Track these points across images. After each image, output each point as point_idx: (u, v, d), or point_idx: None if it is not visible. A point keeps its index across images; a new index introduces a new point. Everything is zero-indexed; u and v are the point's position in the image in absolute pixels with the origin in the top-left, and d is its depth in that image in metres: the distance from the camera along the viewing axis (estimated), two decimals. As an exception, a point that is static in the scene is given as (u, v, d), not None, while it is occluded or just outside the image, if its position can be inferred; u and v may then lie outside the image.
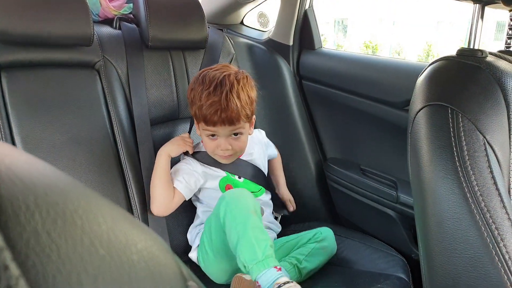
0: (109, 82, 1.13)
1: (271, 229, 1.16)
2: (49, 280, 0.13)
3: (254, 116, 1.07)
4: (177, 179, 1.06)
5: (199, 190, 1.12)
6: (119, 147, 1.10)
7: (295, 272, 1.00)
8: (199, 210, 1.14)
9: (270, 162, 1.27)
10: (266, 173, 1.20)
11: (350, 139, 1.30)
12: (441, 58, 0.61)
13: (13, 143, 0.97)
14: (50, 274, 0.13)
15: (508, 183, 0.52)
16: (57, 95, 1.05)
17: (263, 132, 1.27)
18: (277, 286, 0.81)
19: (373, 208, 1.22)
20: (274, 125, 1.43)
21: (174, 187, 1.06)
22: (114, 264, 0.16)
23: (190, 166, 1.09)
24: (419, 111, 0.57)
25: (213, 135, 1.04)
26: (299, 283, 0.86)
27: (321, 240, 1.06)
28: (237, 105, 0.98)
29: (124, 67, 1.17)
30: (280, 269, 0.86)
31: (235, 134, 1.04)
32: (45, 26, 1.02)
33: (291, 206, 1.24)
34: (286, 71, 1.43)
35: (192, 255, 1.09)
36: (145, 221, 1.09)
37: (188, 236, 1.15)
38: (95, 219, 0.17)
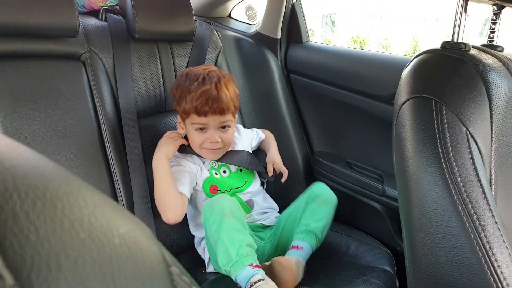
0: (95, 74, 1.12)
1: (272, 210, 1.17)
2: (27, 261, 0.13)
3: (236, 115, 1.10)
4: (179, 182, 1.03)
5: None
6: (105, 140, 1.09)
7: (310, 237, 1.02)
8: (198, 220, 1.10)
9: (262, 142, 1.27)
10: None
11: (337, 132, 1.31)
12: (425, 51, 0.62)
13: None
14: (29, 255, 0.13)
15: (490, 174, 0.53)
16: (41, 87, 1.03)
17: (240, 127, 1.25)
18: (249, 286, 0.83)
19: (360, 202, 1.23)
20: (262, 119, 1.43)
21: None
22: (95, 247, 0.16)
23: (183, 167, 1.08)
24: (404, 103, 0.57)
25: (202, 129, 1.04)
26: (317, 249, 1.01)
27: (317, 196, 1.07)
28: (227, 95, 1.00)
29: (111, 59, 1.16)
30: (256, 266, 0.87)
31: (223, 127, 1.04)
32: (30, 16, 1.00)
33: (271, 171, 1.15)
34: (274, 64, 1.43)
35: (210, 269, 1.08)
36: (131, 211, 1.08)
37: (198, 250, 1.14)
38: (76, 202, 0.16)
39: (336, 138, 1.32)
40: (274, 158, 1.20)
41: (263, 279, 0.84)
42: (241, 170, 1.15)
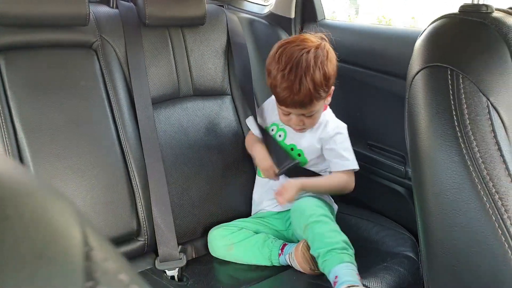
0: (107, 62, 1.12)
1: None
2: None
3: (332, 88, 1.02)
4: None
5: None
6: (119, 128, 1.09)
7: (332, 258, 0.91)
8: None
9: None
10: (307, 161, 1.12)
11: (357, 113, 1.25)
12: (442, 16, 0.56)
13: (13, 125, 0.97)
14: None
15: (515, 149, 0.47)
16: (55, 76, 1.04)
17: (338, 126, 1.10)
18: None
19: (381, 185, 1.18)
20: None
21: None
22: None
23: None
24: (417, 74, 0.52)
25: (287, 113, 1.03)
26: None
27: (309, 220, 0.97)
28: (310, 89, 0.95)
29: (122, 46, 1.15)
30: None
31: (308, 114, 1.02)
32: (40, 6, 1.01)
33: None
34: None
35: None
36: (147, 199, 1.08)
37: None
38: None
39: (355, 119, 1.26)
40: (289, 185, 1.04)
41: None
42: (292, 149, 1.11)
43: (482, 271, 0.44)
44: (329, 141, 1.08)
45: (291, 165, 1.08)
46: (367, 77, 1.17)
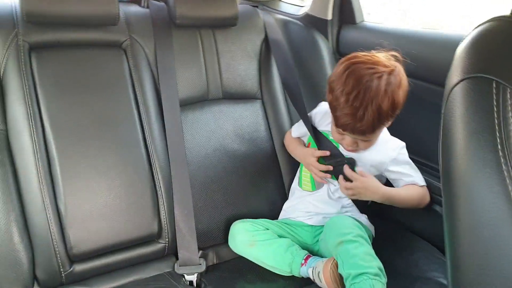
0: (136, 61, 1.11)
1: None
2: None
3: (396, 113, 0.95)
4: None
5: None
6: (145, 129, 1.08)
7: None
8: None
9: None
10: None
11: (393, 124, 1.16)
12: (489, 19, 0.48)
13: (42, 122, 0.98)
14: None
15: None
16: (84, 75, 1.04)
17: (399, 147, 1.04)
18: None
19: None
20: (311, 106, 1.32)
21: None
22: None
23: None
24: (455, 85, 0.45)
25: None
26: None
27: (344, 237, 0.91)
28: (374, 119, 0.89)
29: (152, 46, 1.14)
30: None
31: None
32: (71, 5, 1.02)
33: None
34: (325, 48, 1.32)
35: None
36: (170, 201, 1.07)
37: None
38: None
39: (391, 129, 1.17)
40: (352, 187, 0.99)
41: None
42: None
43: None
44: (392, 163, 1.02)
45: (346, 162, 1.02)
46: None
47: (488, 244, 0.39)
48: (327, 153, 1.04)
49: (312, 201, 1.08)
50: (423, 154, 1.10)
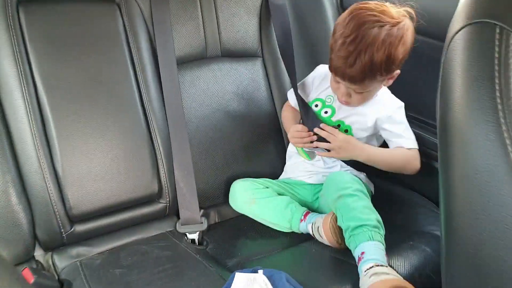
0: (131, 18, 1.08)
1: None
2: None
3: (396, 72, 0.94)
4: None
5: None
6: (141, 88, 1.06)
7: (359, 235, 0.86)
8: None
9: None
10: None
11: (396, 81, 1.14)
12: (495, -38, 0.46)
13: (33, 81, 0.96)
14: None
15: None
16: (75, 31, 1.01)
17: (396, 105, 1.03)
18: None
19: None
20: (313, 66, 1.30)
21: None
22: None
23: None
24: (457, 32, 0.43)
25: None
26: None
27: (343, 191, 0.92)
28: (364, 67, 0.88)
29: (147, 1, 1.11)
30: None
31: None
32: None
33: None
34: (328, 3, 1.27)
35: None
36: (169, 161, 1.07)
37: None
38: None
39: (396, 88, 1.15)
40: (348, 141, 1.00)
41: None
42: (338, 126, 1.05)
43: (508, 267, 0.38)
44: (387, 121, 1.01)
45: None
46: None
47: (482, 190, 0.39)
48: (303, 134, 1.03)
49: (310, 163, 1.09)
50: (424, 112, 1.09)
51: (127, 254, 0.95)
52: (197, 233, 1.06)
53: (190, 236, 1.06)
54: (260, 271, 0.77)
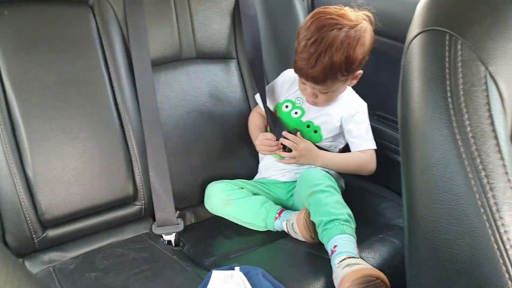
0: (104, 20, 1.08)
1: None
2: None
3: (359, 72, 1.00)
4: None
5: None
6: (115, 90, 1.06)
7: (332, 229, 0.90)
8: None
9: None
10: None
11: (365, 82, 1.19)
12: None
13: (2, 84, 0.94)
14: None
15: (512, 124, 0.44)
16: (47, 33, 1.00)
17: (359, 106, 1.08)
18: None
19: (386, 156, 1.14)
20: (284, 68, 1.34)
21: None
22: None
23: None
24: (414, 38, 0.48)
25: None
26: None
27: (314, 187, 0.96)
28: (325, 68, 0.92)
29: (121, 3, 1.10)
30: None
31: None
32: None
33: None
34: (300, 7, 1.31)
35: None
36: (144, 163, 1.07)
37: None
38: None
39: (361, 88, 1.20)
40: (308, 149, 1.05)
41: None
42: (308, 126, 1.09)
43: (460, 250, 0.42)
44: (349, 121, 1.06)
45: (292, 132, 1.06)
46: (378, 43, 1.10)
47: (438, 182, 0.43)
48: (272, 143, 1.07)
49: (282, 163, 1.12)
50: (393, 111, 1.14)
51: (102, 257, 0.95)
52: (174, 234, 1.06)
53: (166, 238, 1.06)
54: (237, 268, 0.79)
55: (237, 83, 1.27)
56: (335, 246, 0.84)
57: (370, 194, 1.13)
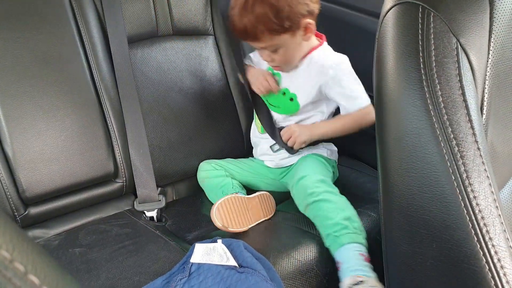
0: None
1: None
2: None
3: (306, 22, 0.91)
4: None
5: None
6: (92, 67, 1.04)
7: (333, 243, 0.87)
8: None
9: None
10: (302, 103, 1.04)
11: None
12: None
13: None
14: None
15: (482, 95, 0.45)
16: (19, 9, 0.97)
17: (337, 64, 0.99)
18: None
19: (363, 131, 1.16)
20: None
21: None
22: None
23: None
24: (388, 11, 0.48)
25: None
26: None
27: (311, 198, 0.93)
28: (248, 20, 0.89)
29: None
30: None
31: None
32: None
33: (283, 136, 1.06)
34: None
35: None
36: (124, 140, 1.07)
37: None
38: None
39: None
40: (292, 130, 1.03)
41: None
42: (284, 94, 1.06)
43: (433, 216, 0.44)
44: (332, 84, 0.97)
45: None
46: (346, 16, 1.10)
47: (412, 150, 0.45)
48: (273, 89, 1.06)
49: (266, 145, 1.12)
50: (369, 88, 1.16)
51: (85, 233, 0.96)
52: (155, 210, 1.07)
53: (148, 214, 1.07)
54: (219, 241, 0.81)
55: (215, 59, 1.26)
56: (338, 263, 0.82)
57: (348, 168, 1.16)
